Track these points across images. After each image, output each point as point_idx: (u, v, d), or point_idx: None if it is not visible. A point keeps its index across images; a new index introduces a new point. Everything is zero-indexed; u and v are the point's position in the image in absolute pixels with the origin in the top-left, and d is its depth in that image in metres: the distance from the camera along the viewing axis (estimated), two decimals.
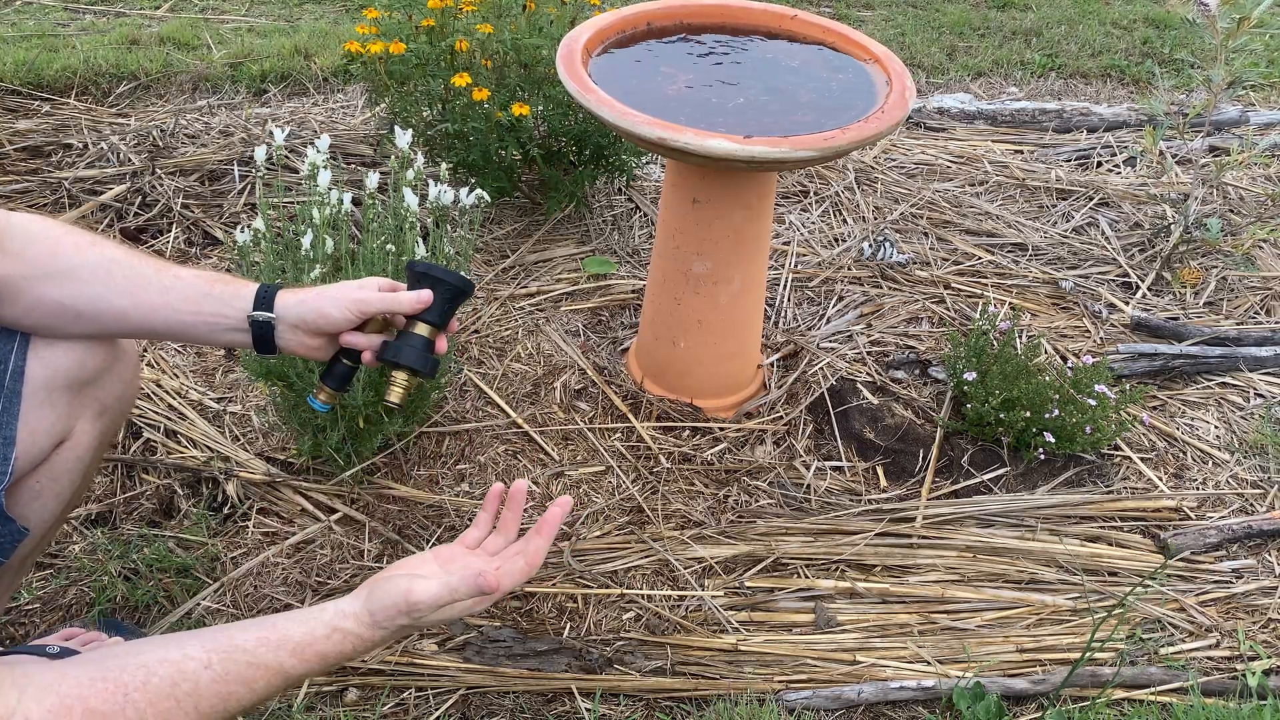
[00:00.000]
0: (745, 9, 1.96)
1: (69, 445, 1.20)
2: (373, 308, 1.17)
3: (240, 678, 0.96)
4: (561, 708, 1.53)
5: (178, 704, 0.92)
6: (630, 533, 1.81)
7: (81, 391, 1.19)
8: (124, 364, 1.25)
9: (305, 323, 1.17)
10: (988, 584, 1.77)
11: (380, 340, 1.20)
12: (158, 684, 0.92)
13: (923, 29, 3.93)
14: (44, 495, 1.21)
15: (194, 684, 0.93)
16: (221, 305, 1.15)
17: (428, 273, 1.19)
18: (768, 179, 1.81)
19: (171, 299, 1.14)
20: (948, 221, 2.72)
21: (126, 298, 1.13)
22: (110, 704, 0.90)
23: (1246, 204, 2.88)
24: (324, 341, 1.20)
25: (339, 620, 1.01)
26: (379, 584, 1.03)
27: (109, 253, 1.13)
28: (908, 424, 2.03)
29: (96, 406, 1.22)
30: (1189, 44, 3.90)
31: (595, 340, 2.22)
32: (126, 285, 1.13)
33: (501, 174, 2.36)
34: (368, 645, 1.02)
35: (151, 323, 1.15)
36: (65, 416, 1.18)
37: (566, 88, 1.67)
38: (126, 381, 1.26)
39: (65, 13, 3.58)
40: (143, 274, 1.14)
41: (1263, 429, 2.13)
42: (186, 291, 1.15)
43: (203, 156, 2.70)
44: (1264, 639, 1.71)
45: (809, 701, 1.54)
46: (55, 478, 1.21)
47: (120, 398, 1.26)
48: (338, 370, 1.23)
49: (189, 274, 1.16)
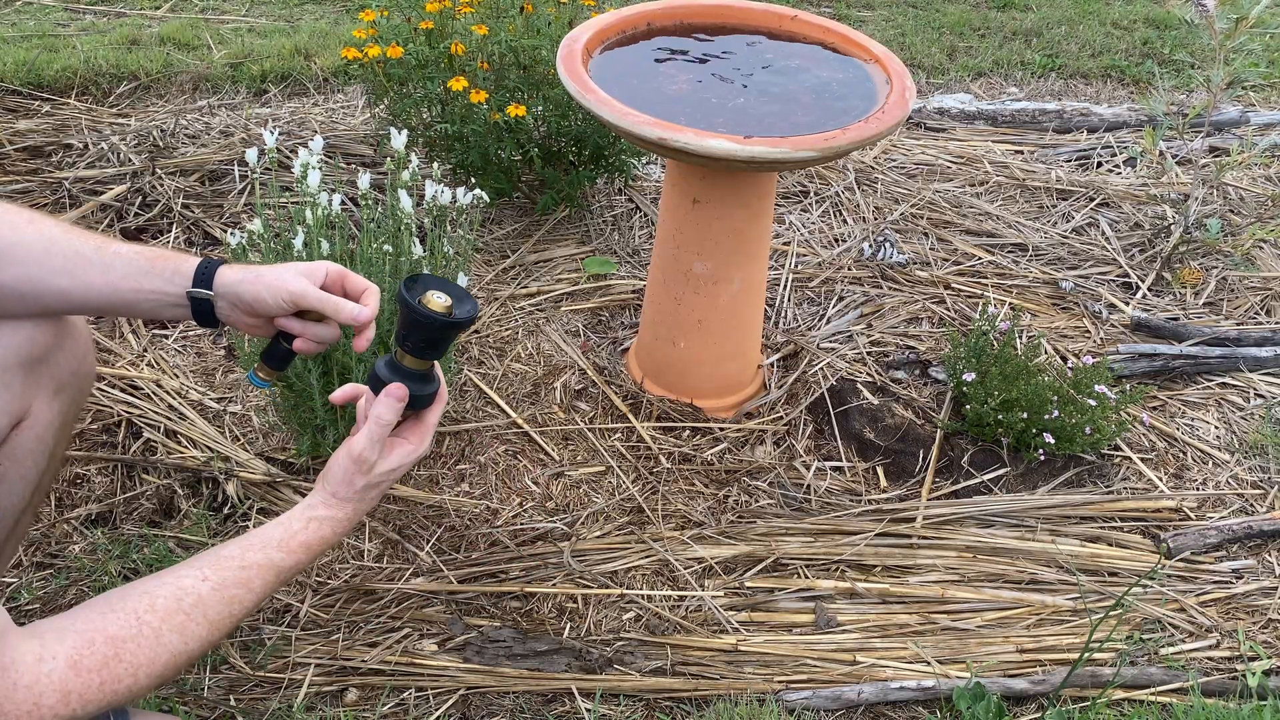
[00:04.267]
0: (745, 9, 1.96)
1: (28, 425, 1.20)
2: (308, 304, 1.14)
3: (237, 580, 1.02)
4: (561, 708, 1.53)
5: (188, 616, 0.97)
6: (630, 533, 1.81)
7: (34, 369, 1.18)
8: (74, 339, 1.24)
9: (242, 302, 1.15)
10: (988, 584, 1.77)
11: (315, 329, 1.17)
12: (164, 603, 0.97)
13: (923, 29, 3.93)
14: (9, 478, 1.20)
15: (197, 596, 0.99)
16: (162, 282, 1.14)
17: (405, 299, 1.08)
18: (768, 179, 1.81)
19: (112, 277, 1.13)
20: (948, 222, 2.72)
21: (65, 277, 1.12)
22: (126, 628, 0.94)
23: (1246, 204, 2.88)
24: (263, 321, 1.18)
25: (309, 511, 1.10)
26: (326, 468, 1.12)
27: (47, 231, 1.12)
28: (908, 424, 2.03)
29: (52, 384, 1.22)
30: (1189, 44, 3.90)
31: (595, 340, 2.22)
32: (65, 264, 1.12)
33: (501, 175, 2.36)
34: (344, 522, 1.11)
35: (94, 301, 1.15)
36: (20, 396, 1.17)
37: (566, 88, 1.67)
38: (79, 357, 1.26)
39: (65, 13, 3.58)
40: (81, 252, 1.13)
41: (1263, 429, 2.13)
42: (126, 269, 1.14)
43: (203, 156, 2.70)
44: (1264, 639, 1.71)
45: (809, 702, 1.54)
46: (18, 459, 1.20)
47: (75, 373, 1.25)
48: (277, 351, 1.20)
49: (129, 250, 1.15)
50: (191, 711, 1.46)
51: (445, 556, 1.73)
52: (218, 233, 2.46)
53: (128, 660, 0.93)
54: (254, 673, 1.53)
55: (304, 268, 1.16)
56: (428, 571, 1.71)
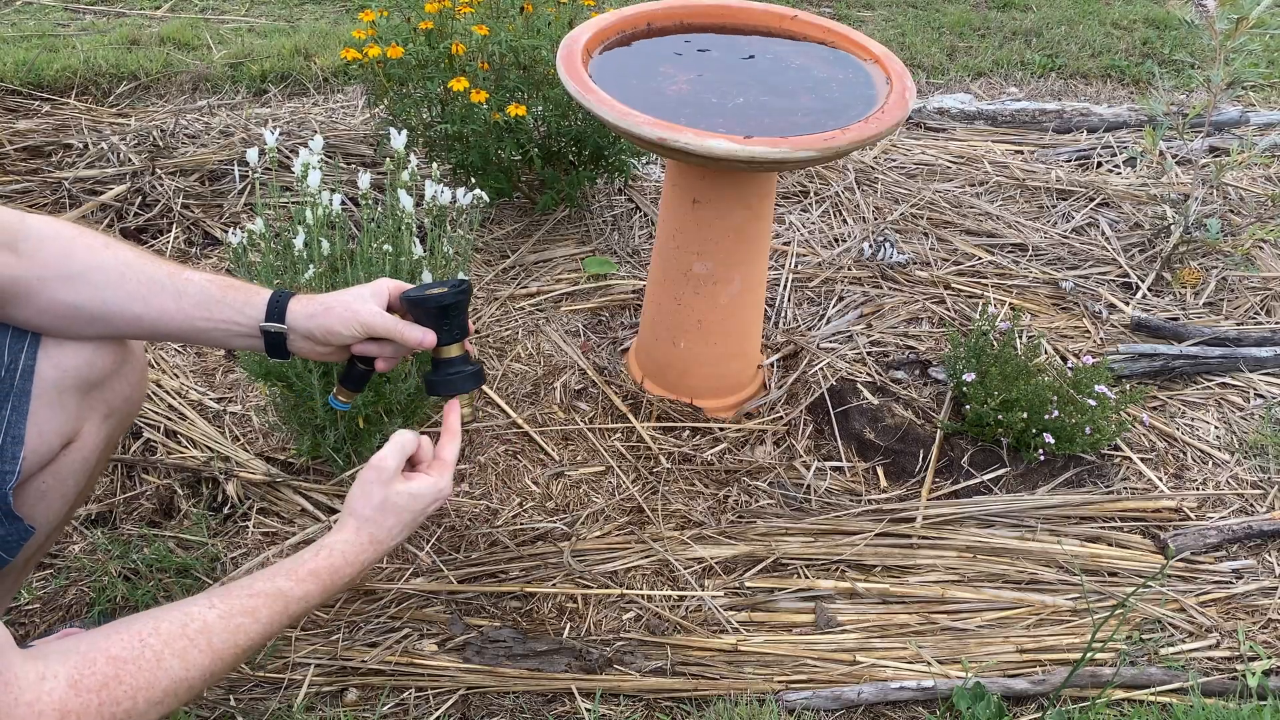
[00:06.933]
0: (745, 9, 1.96)
1: (76, 446, 1.21)
2: (377, 332, 1.18)
3: (244, 609, 1.01)
4: (561, 708, 1.53)
5: (191, 641, 0.97)
6: (630, 533, 1.81)
7: (90, 393, 1.19)
8: (132, 366, 1.25)
9: (315, 337, 1.18)
10: (988, 584, 1.77)
11: (390, 347, 1.22)
12: (168, 627, 0.96)
13: (923, 29, 3.93)
14: (50, 496, 1.21)
15: (203, 622, 0.98)
16: (234, 313, 1.17)
17: (421, 302, 1.20)
18: (768, 179, 1.81)
19: (185, 304, 1.15)
20: (948, 222, 2.72)
21: (140, 302, 1.14)
22: (128, 650, 0.93)
23: (1246, 204, 2.88)
24: (335, 349, 1.21)
25: (323, 539, 1.11)
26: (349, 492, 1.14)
27: (122, 255, 1.14)
28: (908, 424, 2.03)
29: (104, 409, 1.22)
30: (1189, 44, 3.91)
31: (595, 340, 2.22)
32: (139, 290, 1.13)
33: (501, 175, 2.36)
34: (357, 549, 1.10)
35: (165, 327, 1.16)
36: (74, 418, 1.18)
37: (567, 88, 1.67)
38: (134, 384, 1.27)
39: (65, 13, 3.58)
40: (155, 278, 1.14)
41: (1263, 429, 2.13)
42: (199, 297, 1.16)
43: (203, 156, 2.70)
44: (1264, 639, 1.71)
45: (809, 702, 1.54)
46: (61, 479, 1.21)
47: (128, 400, 1.26)
48: (355, 373, 1.26)
49: (200, 278, 1.17)
50: (191, 711, 1.46)
51: (445, 556, 1.73)
52: (217, 233, 2.46)
53: (128, 682, 0.92)
54: (254, 673, 1.53)
55: (371, 290, 1.19)
56: (428, 571, 1.71)
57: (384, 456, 1.13)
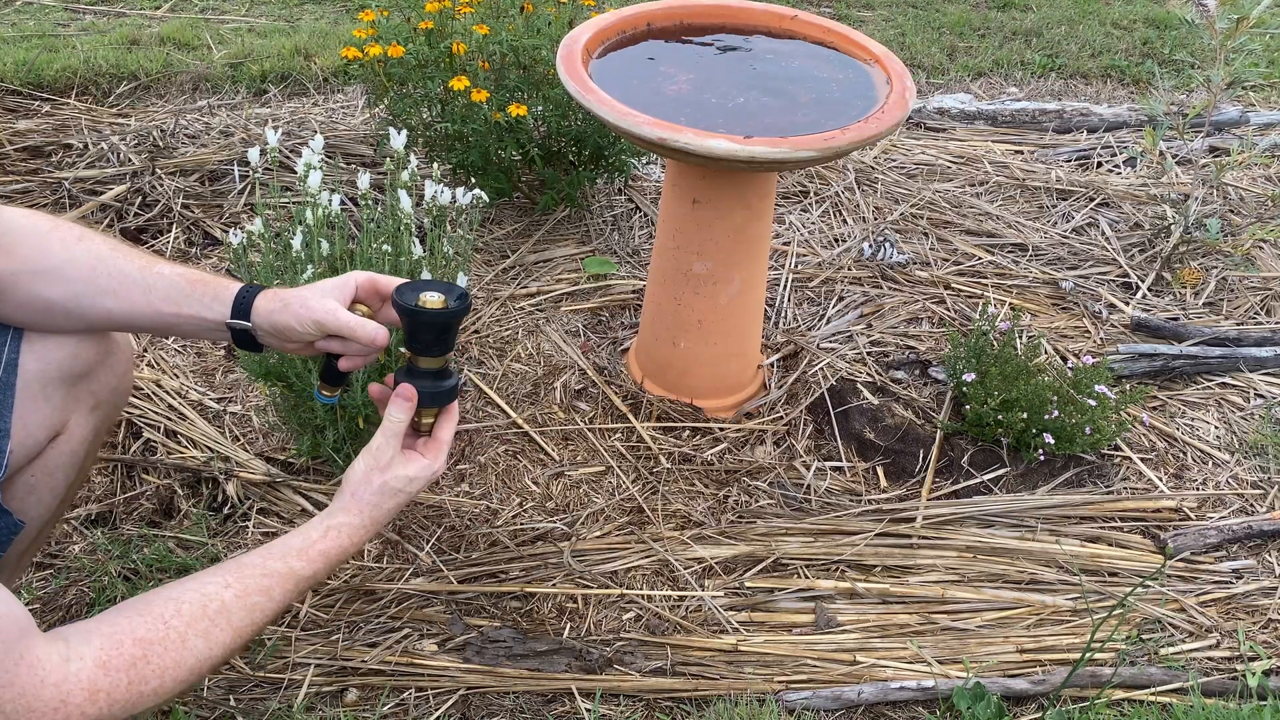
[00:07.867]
0: (745, 9, 1.96)
1: (64, 439, 1.21)
2: (330, 330, 1.14)
3: (259, 588, 1.03)
4: (561, 708, 1.53)
5: (212, 622, 0.99)
6: (630, 533, 1.81)
7: (76, 385, 1.19)
8: (117, 357, 1.25)
9: (278, 332, 1.16)
10: (988, 584, 1.77)
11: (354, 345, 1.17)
12: (189, 609, 0.98)
13: (923, 29, 3.93)
14: (39, 489, 1.21)
15: (221, 602, 1.00)
16: (201, 308, 1.15)
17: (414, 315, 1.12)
18: (768, 179, 1.81)
19: (154, 299, 1.14)
20: (948, 222, 2.72)
21: (110, 297, 1.13)
22: (154, 631, 0.95)
23: (1246, 204, 2.88)
24: (301, 345, 1.18)
25: (328, 519, 1.11)
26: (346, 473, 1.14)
27: (94, 248, 1.13)
28: (908, 424, 2.03)
29: (90, 400, 1.22)
30: (1189, 44, 3.90)
31: (595, 340, 2.22)
32: (110, 284, 1.13)
33: (501, 174, 2.36)
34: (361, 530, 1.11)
35: (136, 320, 1.16)
36: (60, 410, 1.18)
37: (567, 88, 1.67)
38: (120, 375, 1.27)
39: (65, 13, 3.58)
40: (126, 272, 1.14)
41: (1263, 429, 2.13)
42: (168, 291, 1.15)
43: (203, 156, 2.70)
44: (1264, 639, 1.71)
45: (809, 702, 1.54)
46: (50, 472, 1.21)
47: (114, 390, 1.26)
48: (333, 366, 1.23)
49: (171, 271, 1.16)
50: (191, 711, 1.46)
51: (445, 557, 1.73)
52: (217, 233, 2.46)
53: (155, 663, 0.94)
54: (254, 673, 1.53)
55: (332, 285, 1.16)
56: (428, 572, 1.71)
57: (380, 446, 1.13)
